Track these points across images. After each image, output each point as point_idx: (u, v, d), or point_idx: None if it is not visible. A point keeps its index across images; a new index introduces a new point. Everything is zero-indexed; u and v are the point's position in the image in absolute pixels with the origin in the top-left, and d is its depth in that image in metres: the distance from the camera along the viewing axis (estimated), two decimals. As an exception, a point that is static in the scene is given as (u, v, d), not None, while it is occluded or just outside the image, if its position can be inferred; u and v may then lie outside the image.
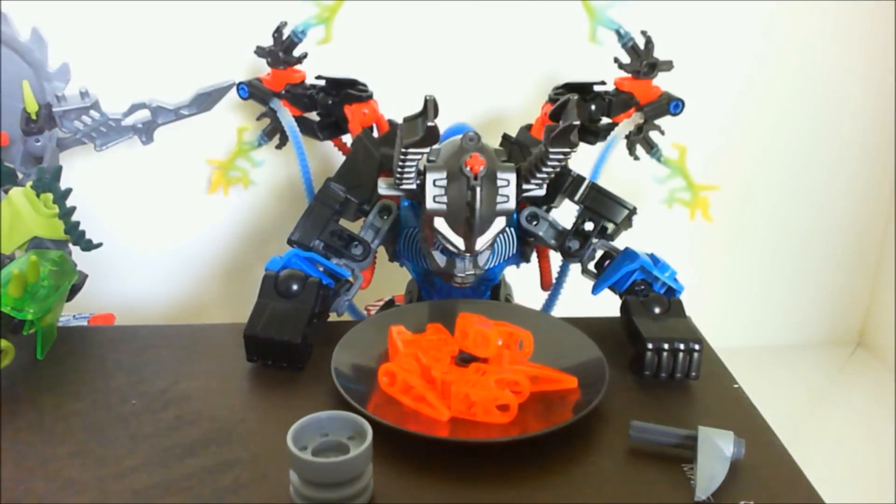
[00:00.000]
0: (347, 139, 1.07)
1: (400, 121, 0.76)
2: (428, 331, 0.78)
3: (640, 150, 1.09)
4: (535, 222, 0.88)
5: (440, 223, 0.78)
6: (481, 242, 0.79)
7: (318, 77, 1.03)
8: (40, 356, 0.78)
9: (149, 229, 1.24)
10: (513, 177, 0.79)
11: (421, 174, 0.79)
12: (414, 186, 0.79)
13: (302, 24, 1.00)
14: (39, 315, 0.76)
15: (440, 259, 0.82)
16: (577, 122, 0.73)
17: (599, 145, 1.04)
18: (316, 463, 0.58)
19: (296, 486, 0.60)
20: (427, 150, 0.77)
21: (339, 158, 1.15)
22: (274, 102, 1.03)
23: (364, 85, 1.01)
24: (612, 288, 0.85)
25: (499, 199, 0.78)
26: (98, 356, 0.79)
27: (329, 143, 1.10)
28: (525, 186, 0.81)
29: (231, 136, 1.16)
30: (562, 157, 0.76)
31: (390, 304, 1.02)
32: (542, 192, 0.82)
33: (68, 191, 0.87)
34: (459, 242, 0.79)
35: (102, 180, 1.18)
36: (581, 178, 0.87)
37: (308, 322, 0.77)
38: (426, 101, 0.74)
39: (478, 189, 0.76)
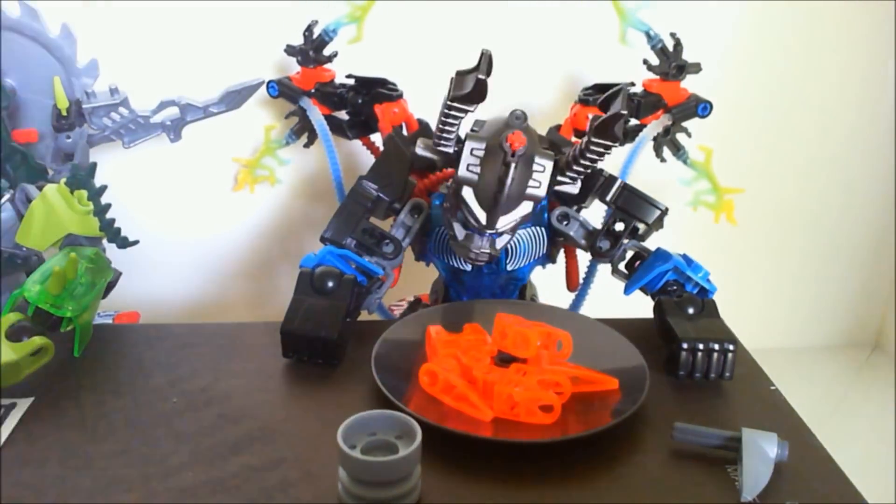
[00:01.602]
0: (376, 138, 1.07)
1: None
2: (465, 331, 0.78)
3: (666, 151, 1.10)
4: (565, 222, 0.89)
5: (468, 194, 0.77)
6: (503, 222, 0.78)
7: (349, 76, 1.03)
8: (77, 353, 0.78)
9: (172, 227, 1.24)
10: (549, 164, 0.78)
11: (460, 141, 0.78)
12: (451, 150, 0.79)
13: (333, 22, 1.00)
14: (78, 312, 0.76)
15: (459, 231, 0.81)
16: (625, 112, 0.73)
17: (627, 147, 1.04)
18: (367, 462, 0.58)
19: (345, 484, 0.60)
20: (472, 108, 0.77)
21: (366, 157, 1.15)
22: (303, 101, 1.03)
23: (394, 84, 1.01)
24: (643, 288, 0.85)
25: (531, 182, 0.78)
26: (134, 354, 0.79)
27: (356, 142, 1.10)
28: (559, 178, 0.80)
29: (257, 134, 1.16)
30: (603, 149, 0.76)
31: (416, 303, 1.03)
32: (574, 189, 0.82)
33: (103, 188, 0.87)
34: (482, 216, 0.78)
35: (125, 177, 1.18)
36: (613, 178, 0.88)
37: (344, 319, 0.77)
38: (482, 54, 0.73)
39: (512, 166, 0.75)
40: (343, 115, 1.06)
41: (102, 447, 0.66)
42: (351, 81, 1.04)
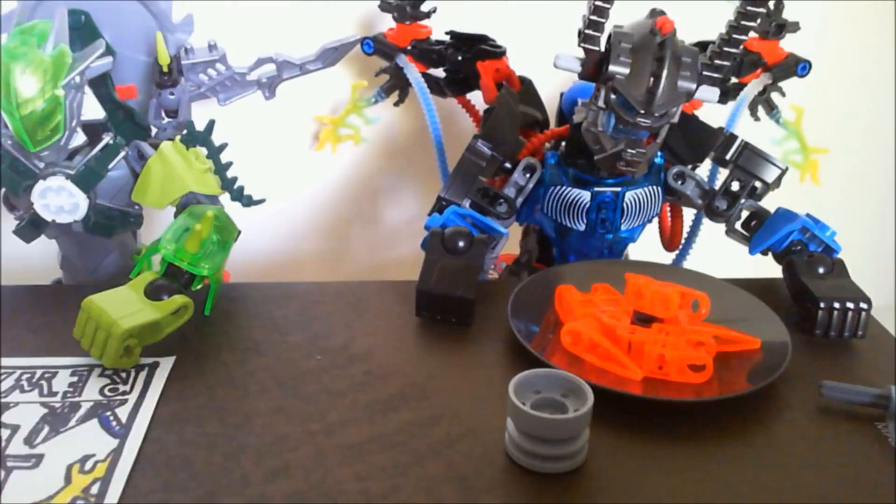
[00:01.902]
0: (471, 96, 1.05)
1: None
2: (596, 291, 0.78)
3: (759, 110, 1.09)
4: (681, 181, 0.88)
5: (622, 84, 0.76)
6: (661, 109, 0.76)
7: (449, 33, 1.01)
8: (207, 312, 0.78)
9: (249, 185, 1.23)
10: (696, 55, 0.77)
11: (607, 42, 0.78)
12: (599, 47, 0.78)
13: (436, -23, 0.98)
14: (213, 271, 0.75)
15: (607, 142, 0.80)
16: None
17: (728, 106, 1.04)
18: (545, 419, 0.58)
19: (516, 439, 0.60)
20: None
21: (455, 115, 1.14)
22: (400, 58, 1.02)
23: (494, 41, 1.00)
24: (768, 248, 0.85)
25: (681, 74, 0.76)
26: (265, 313, 0.79)
27: (446, 101, 1.09)
28: (706, 73, 0.78)
29: (334, 92, 1.14)
30: (753, 20, 0.76)
31: (520, 263, 1.02)
32: (714, 96, 0.80)
33: (223, 145, 0.86)
34: (641, 96, 0.76)
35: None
36: (733, 136, 0.87)
37: (478, 278, 0.77)
38: None
39: (668, 49, 0.75)
40: (439, 72, 1.04)
41: (257, 405, 0.66)
42: (446, 38, 1.02)
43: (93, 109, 0.86)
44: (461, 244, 0.78)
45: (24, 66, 0.75)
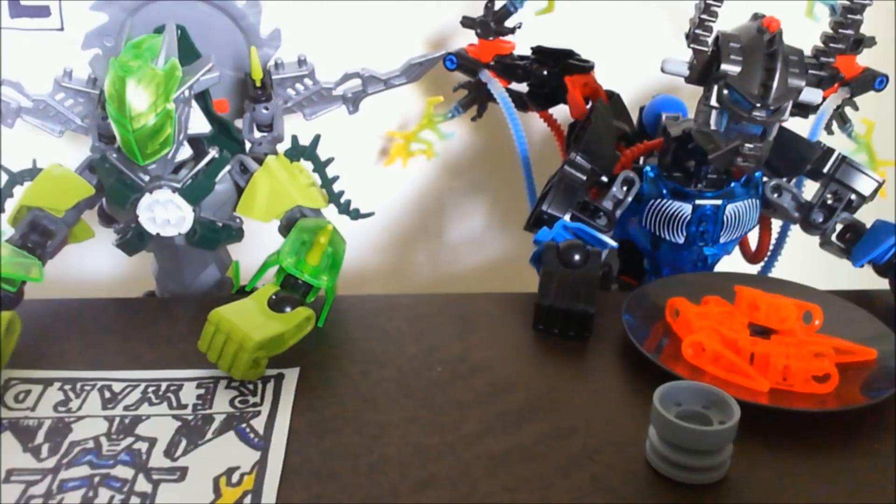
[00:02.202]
0: (554, 111, 1.06)
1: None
2: (709, 303, 0.79)
3: (832, 124, 1.10)
4: (777, 194, 0.89)
5: (735, 81, 0.78)
6: (777, 103, 0.78)
7: (535, 48, 1.02)
8: (321, 324, 0.78)
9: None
10: (801, 54, 0.80)
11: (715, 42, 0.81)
12: (708, 48, 0.81)
13: (523, -7, 0.99)
14: (331, 283, 0.76)
15: (722, 140, 0.80)
16: None
17: (809, 120, 1.04)
18: (696, 430, 0.58)
19: (660, 449, 0.60)
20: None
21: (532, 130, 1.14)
22: (483, 73, 1.03)
23: (580, 56, 1.01)
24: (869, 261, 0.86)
25: (790, 70, 0.78)
26: (376, 324, 0.79)
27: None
28: (812, 72, 0.82)
29: (399, 107, 1.14)
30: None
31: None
32: (817, 97, 0.82)
33: (330, 160, 0.86)
34: (756, 91, 0.78)
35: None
36: (830, 150, 0.88)
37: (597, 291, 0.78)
38: None
39: (776, 41, 0.77)
40: (520, 87, 1.05)
41: (390, 416, 0.67)
42: (531, 53, 1.03)
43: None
44: (577, 257, 0.79)
45: (138, 80, 0.75)
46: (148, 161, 0.79)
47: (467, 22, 1.04)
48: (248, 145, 0.94)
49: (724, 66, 0.78)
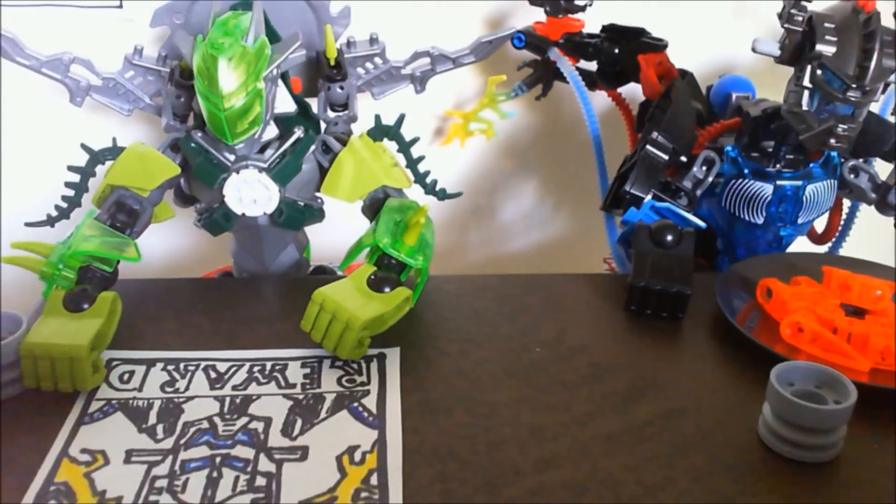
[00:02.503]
0: (623, 90, 1.05)
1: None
2: (800, 284, 0.79)
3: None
4: (854, 175, 0.89)
5: (830, 61, 0.78)
6: (873, 83, 0.78)
7: (607, 27, 1.02)
8: (412, 304, 0.78)
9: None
10: (894, 33, 0.79)
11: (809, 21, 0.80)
12: (800, 28, 0.80)
13: (596, -30, 0.98)
14: (426, 263, 0.76)
15: (814, 120, 0.80)
16: None
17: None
18: (816, 409, 0.59)
19: (776, 428, 0.61)
20: None
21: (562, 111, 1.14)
22: (552, 52, 1.02)
23: (651, 35, 1.00)
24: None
25: (885, 51, 0.78)
26: (465, 304, 0.80)
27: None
28: None
29: (455, 85, 1.13)
30: None
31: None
32: None
33: (415, 139, 0.86)
34: (852, 71, 0.78)
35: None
36: (909, 132, 0.88)
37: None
38: None
39: (873, 21, 0.76)
40: (589, 65, 1.04)
41: (497, 396, 0.67)
42: (600, 32, 1.02)
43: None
44: (670, 238, 0.79)
45: (230, 58, 0.75)
46: (237, 140, 0.78)
47: (536, 0, 1.03)
48: (322, 125, 0.93)
49: (818, 47, 0.78)
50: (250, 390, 0.67)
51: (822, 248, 1.05)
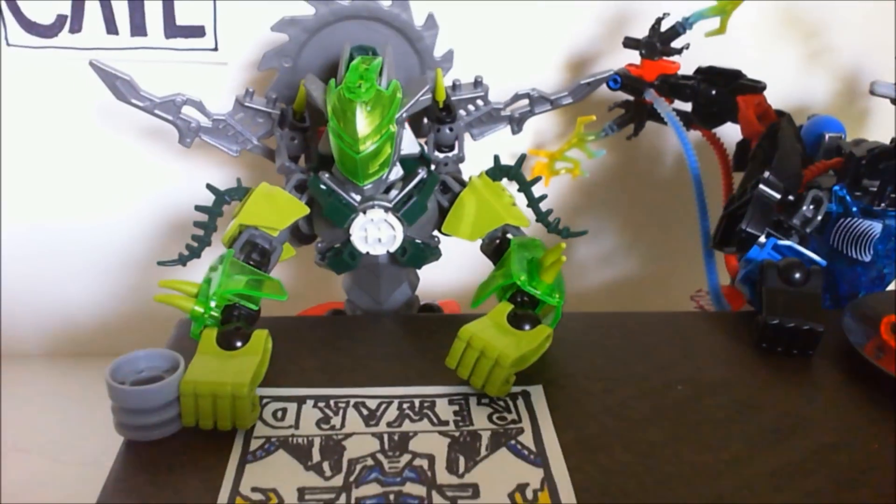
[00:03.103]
0: (718, 131, 1.08)
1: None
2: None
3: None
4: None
5: None
6: None
7: (704, 69, 1.04)
8: (548, 342, 0.78)
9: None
10: None
11: None
12: None
13: (693, 15, 1.01)
14: (562, 301, 0.76)
15: None
16: None
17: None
18: None
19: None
20: None
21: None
22: (649, 93, 1.04)
23: (747, 76, 1.02)
24: None
25: None
26: (591, 342, 0.80)
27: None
28: None
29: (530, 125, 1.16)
30: None
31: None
32: None
33: (536, 179, 0.87)
34: None
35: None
36: None
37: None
38: None
39: None
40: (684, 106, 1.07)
41: (650, 434, 0.68)
42: (694, 74, 1.05)
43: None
44: (798, 275, 0.80)
45: (367, 103, 0.77)
46: (367, 181, 0.80)
47: (630, 43, 1.05)
48: (432, 167, 0.95)
49: None
50: (405, 427, 0.68)
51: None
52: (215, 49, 1.13)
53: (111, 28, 1.10)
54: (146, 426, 0.65)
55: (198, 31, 1.12)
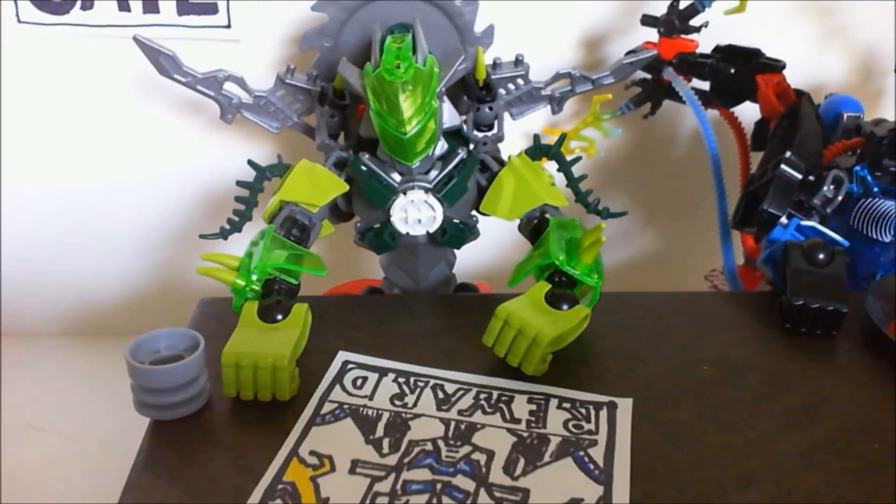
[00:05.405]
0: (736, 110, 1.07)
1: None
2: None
3: None
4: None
5: None
6: None
7: (723, 47, 1.03)
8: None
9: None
10: None
11: None
12: None
13: (714, -7, 1.00)
14: (601, 281, 0.76)
15: None
16: None
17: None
18: None
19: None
20: None
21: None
22: (667, 71, 1.04)
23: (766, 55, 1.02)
24: None
25: None
26: (615, 322, 0.80)
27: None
28: None
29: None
30: None
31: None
32: None
33: (577, 158, 0.87)
34: None
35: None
36: None
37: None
38: None
39: None
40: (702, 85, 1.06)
41: (679, 414, 0.68)
42: (713, 52, 1.04)
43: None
44: (822, 256, 0.80)
45: (408, 82, 0.76)
46: (416, 160, 0.80)
47: (648, 20, 1.05)
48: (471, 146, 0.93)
49: None
50: (475, 418, 0.67)
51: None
52: (228, 26, 1.12)
53: (123, 5, 1.09)
54: (166, 405, 0.66)
55: (210, 9, 1.11)
